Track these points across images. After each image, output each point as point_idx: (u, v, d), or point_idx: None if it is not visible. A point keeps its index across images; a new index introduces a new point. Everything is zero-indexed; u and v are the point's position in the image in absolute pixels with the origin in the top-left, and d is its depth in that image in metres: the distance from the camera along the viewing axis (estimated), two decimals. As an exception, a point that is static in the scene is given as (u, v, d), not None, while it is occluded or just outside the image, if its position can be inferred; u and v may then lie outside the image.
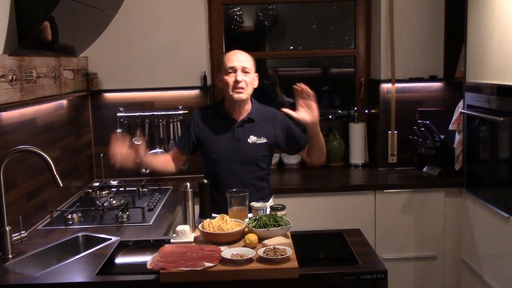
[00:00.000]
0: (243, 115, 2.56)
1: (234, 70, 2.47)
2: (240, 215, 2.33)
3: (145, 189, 3.31)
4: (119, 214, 2.71)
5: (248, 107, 2.58)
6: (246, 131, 2.55)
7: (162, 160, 2.73)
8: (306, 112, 2.39)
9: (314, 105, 2.38)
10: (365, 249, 2.18)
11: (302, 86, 2.38)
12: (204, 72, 3.64)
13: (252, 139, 2.54)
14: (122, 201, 3.01)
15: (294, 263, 1.93)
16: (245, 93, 2.48)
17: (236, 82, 2.45)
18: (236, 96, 2.47)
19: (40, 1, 2.47)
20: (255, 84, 2.57)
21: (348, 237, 2.30)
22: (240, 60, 2.48)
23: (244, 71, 2.48)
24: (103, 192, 3.25)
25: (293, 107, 2.43)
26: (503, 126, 2.75)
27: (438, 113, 3.67)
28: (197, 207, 2.40)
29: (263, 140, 2.55)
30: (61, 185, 2.25)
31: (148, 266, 1.94)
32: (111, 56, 3.61)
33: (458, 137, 3.40)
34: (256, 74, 2.57)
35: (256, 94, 2.66)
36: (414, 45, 3.68)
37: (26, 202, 2.62)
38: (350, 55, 4.13)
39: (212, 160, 2.57)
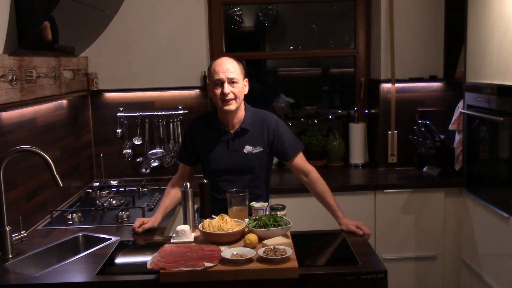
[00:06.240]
0: (236, 125, 2.53)
1: (221, 82, 2.41)
2: (240, 215, 2.33)
3: (145, 189, 3.31)
4: (119, 214, 2.72)
5: (241, 115, 2.54)
6: (241, 142, 2.52)
7: (172, 196, 2.61)
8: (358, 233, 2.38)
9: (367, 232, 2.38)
10: (365, 249, 2.18)
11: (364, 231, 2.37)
12: (204, 72, 3.64)
13: (247, 149, 2.52)
14: (122, 201, 3.01)
15: (294, 263, 1.93)
16: (234, 104, 2.44)
17: (223, 94, 2.41)
18: (225, 108, 2.44)
19: (40, 1, 2.47)
20: (246, 90, 2.52)
21: (348, 237, 2.30)
22: (226, 71, 2.41)
23: (231, 81, 2.42)
24: (103, 192, 3.25)
25: (293, 107, 2.42)
26: (503, 126, 2.75)
27: (438, 113, 3.67)
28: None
29: (258, 149, 2.53)
30: (61, 185, 2.26)
31: (148, 266, 1.94)
32: (111, 56, 3.61)
33: (458, 137, 3.40)
34: (246, 79, 2.52)
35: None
36: (414, 45, 3.67)
37: (26, 202, 2.62)
38: (350, 55, 4.13)
39: (212, 170, 2.56)
